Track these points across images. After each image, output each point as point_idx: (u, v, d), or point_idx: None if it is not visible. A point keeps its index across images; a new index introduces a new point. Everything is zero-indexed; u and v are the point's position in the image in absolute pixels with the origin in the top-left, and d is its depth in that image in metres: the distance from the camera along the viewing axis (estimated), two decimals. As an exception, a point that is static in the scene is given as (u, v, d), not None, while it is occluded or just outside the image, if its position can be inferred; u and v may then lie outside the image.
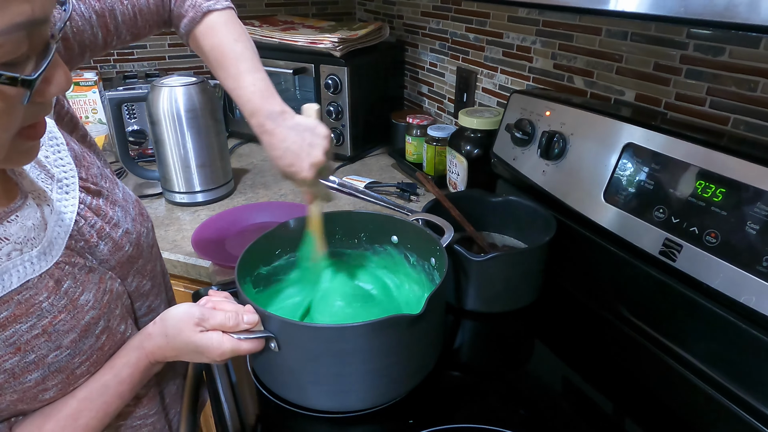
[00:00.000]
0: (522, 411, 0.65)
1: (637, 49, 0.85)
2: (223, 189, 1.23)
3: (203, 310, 0.57)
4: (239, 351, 0.57)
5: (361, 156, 1.48)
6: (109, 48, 0.66)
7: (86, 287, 0.52)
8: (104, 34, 0.63)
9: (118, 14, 0.64)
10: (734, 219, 0.61)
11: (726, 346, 0.64)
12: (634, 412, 0.66)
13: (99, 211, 0.56)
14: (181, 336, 0.56)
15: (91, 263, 0.54)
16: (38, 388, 0.50)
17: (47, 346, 0.49)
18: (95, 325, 0.53)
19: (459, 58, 1.34)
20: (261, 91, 0.67)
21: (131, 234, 0.60)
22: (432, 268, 0.75)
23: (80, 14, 0.59)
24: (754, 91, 0.71)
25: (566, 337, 0.79)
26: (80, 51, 0.61)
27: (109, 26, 0.63)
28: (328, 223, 0.76)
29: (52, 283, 0.49)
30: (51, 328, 0.49)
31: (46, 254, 0.49)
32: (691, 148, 0.66)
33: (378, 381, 0.62)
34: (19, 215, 0.47)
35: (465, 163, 1.10)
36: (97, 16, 0.61)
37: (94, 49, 0.63)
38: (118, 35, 0.65)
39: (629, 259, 0.75)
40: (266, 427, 0.65)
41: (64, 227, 0.52)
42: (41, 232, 0.49)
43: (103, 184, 0.58)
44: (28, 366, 0.48)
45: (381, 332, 0.58)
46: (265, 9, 1.74)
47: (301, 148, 0.65)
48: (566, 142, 0.84)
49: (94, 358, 0.54)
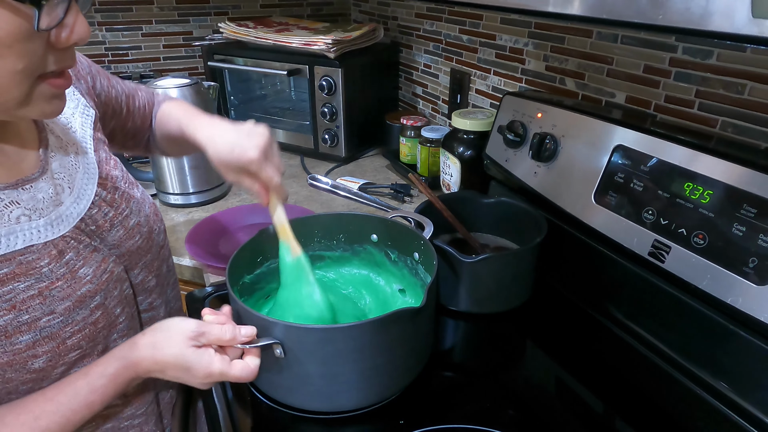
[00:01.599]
0: (513, 411, 0.66)
1: (627, 51, 0.86)
2: (217, 190, 1.24)
3: (200, 324, 0.56)
4: (227, 375, 0.55)
5: (356, 157, 1.48)
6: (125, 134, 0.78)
7: (87, 262, 0.56)
8: (126, 112, 0.76)
9: (137, 100, 0.78)
10: (721, 221, 0.61)
11: (714, 346, 0.65)
12: (624, 411, 0.67)
13: (113, 203, 0.61)
14: (171, 348, 0.54)
15: (97, 244, 0.58)
16: (28, 353, 0.50)
17: (41, 308, 0.51)
18: (91, 298, 0.55)
19: (453, 60, 1.34)
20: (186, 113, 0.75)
21: (143, 226, 0.64)
22: (415, 262, 0.77)
23: (114, 86, 0.73)
24: (742, 94, 0.71)
25: (557, 337, 0.80)
26: (111, 114, 0.73)
27: (131, 106, 0.77)
28: (307, 227, 0.77)
29: (55, 252, 0.52)
30: (47, 292, 0.51)
31: (53, 226, 0.53)
32: (680, 150, 0.67)
33: (382, 376, 0.63)
34: (33, 186, 0.53)
35: (458, 165, 1.11)
36: (125, 96, 0.76)
37: (118, 119, 0.75)
38: (132, 118, 0.77)
39: (619, 260, 0.75)
40: (255, 427, 0.65)
41: (78, 209, 0.56)
42: (51, 206, 0.53)
43: (122, 184, 0.64)
44: (20, 326, 0.50)
45: (387, 327, 0.59)
46: (259, 10, 1.74)
47: (239, 136, 0.65)
48: (557, 144, 0.84)
49: (86, 331, 0.55)
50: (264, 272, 0.77)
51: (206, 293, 0.87)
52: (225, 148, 0.65)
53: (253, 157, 0.64)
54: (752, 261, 0.58)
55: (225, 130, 0.67)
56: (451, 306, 0.83)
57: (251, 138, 0.65)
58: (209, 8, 1.67)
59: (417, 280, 0.78)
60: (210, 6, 1.67)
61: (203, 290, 0.87)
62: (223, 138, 0.66)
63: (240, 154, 0.64)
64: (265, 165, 0.65)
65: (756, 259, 0.58)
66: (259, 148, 0.64)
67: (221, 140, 0.66)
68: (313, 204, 1.21)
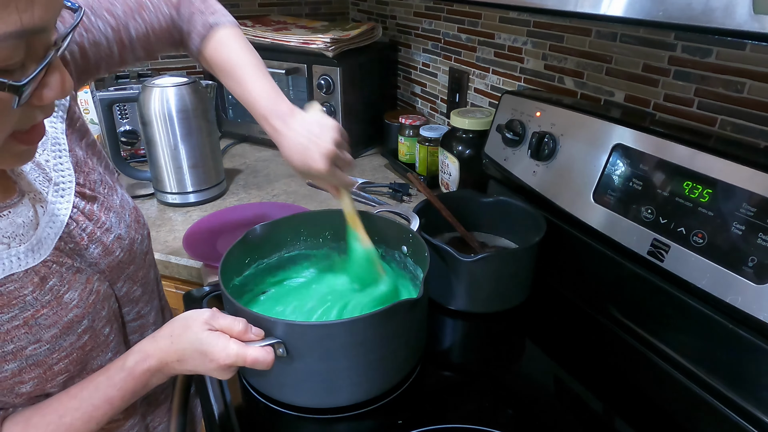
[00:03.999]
0: (512, 411, 0.65)
1: (626, 50, 0.86)
2: (216, 189, 1.23)
3: (213, 311, 0.56)
4: (245, 357, 0.54)
5: (354, 156, 1.46)
6: (127, 63, 0.69)
7: (72, 286, 0.53)
8: (119, 48, 0.66)
9: (132, 30, 0.66)
10: (721, 219, 0.61)
11: (712, 344, 0.65)
12: (623, 410, 0.67)
13: (92, 216, 0.57)
14: (187, 334, 0.54)
15: (79, 264, 0.55)
16: (14, 380, 0.50)
17: (27, 338, 0.49)
18: (78, 323, 0.54)
19: (451, 59, 1.34)
20: (268, 94, 0.70)
21: (123, 240, 0.61)
22: (404, 255, 0.78)
23: (96, 28, 0.62)
24: (741, 92, 0.71)
25: (556, 336, 0.80)
26: (96, 63, 0.63)
27: (124, 41, 0.66)
28: (292, 225, 0.77)
29: (37, 279, 0.50)
30: (32, 321, 0.50)
31: (33, 251, 0.50)
32: (679, 149, 0.67)
33: (382, 368, 0.64)
34: (11, 211, 0.49)
35: (457, 164, 1.11)
36: (112, 31, 0.64)
37: (111, 63, 0.66)
38: (132, 51, 0.68)
39: (618, 259, 0.75)
40: (252, 428, 0.65)
41: (55, 228, 0.53)
42: (31, 230, 0.50)
43: (101, 190, 0.60)
44: (5, 356, 0.49)
45: (388, 319, 0.59)
46: (258, 9, 1.74)
47: (309, 141, 0.66)
48: (556, 143, 0.84)
49: (74, 356, 0.54)
50: (252, 273, 0.77)
51: (204, 293, 0.86)
52: (296, 157, 0.67)
53: (321, 169, 0.66)
54: (751, 260, 0.58)
55: (296, 134, 0.67)
56: (449, 305, 0.83)
57: (321, 141, 0.66)
58: (207, 7, 1.67)
59: (406, 273, 0.79)
60: (208, 5, 1.67)
61: (201, 290, 0.87)
62: (293, 142, 0.67)
63: (310, 165, 0.66)
64: (334, 173, 0.67)
65: (755, 258, 0.57)
66: (328, 156, 0.66)
67: (292, 146, 0.67)
68: (311, 203, 1.20)
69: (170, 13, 0.71)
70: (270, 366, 0.56)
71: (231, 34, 0.74)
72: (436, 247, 0.78)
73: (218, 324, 0.55)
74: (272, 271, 0.80)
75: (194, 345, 0.54)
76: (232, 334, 0.55)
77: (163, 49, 0.73)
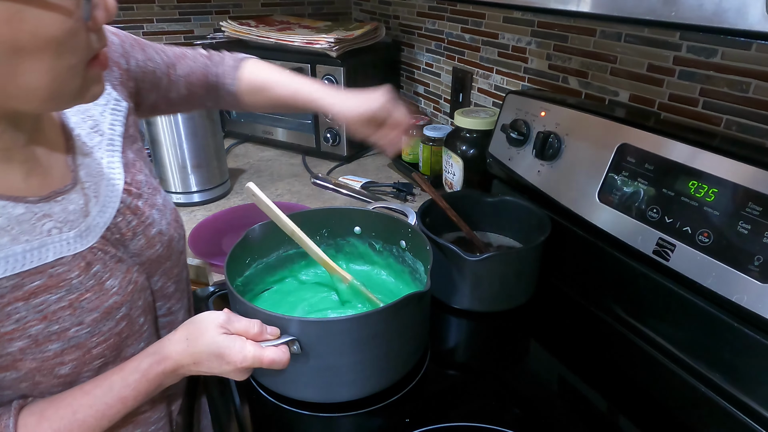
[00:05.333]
0: (517, 410, 0.66)
1: (630, 50, 0.86)
2: (220, 189, 1.24)
3: (228, 314, 0.57)
4: (262, 359, 0.55)
5: (358, 156, 1.48)
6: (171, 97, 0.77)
7: (114, 274, 0.56)
8: (167, 81, 0.75)
9: (178, 69, 0.76)
10: (726, 219, 0.61)
11: (718, 343, 0.65)
12: (628, 409, 0.67)
13: (137, 211, 0.61)
14: (204, 337, 0.55)
15: (121, 254, 0.58)
16: (56, 360, 0.52)
17: (71, 319, 0.52)
18: (117, 310, 0.56)
19: (455, 59, 1.34)
20: (311, 83, 0.80)
21: (164, 235, 0.64)
22: (402, 250, 0.79)
23: (153, 59, 0.72)
24: (746, 92, 0.71)
25: (561, 335, 0.80)
26: (149, 87, 0.72)
27: (171, 76, 0.75)
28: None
29: (83, 264, 0.53)
30: (77, 304, 0.52)
31: (82, 237, 0.53)
32: (684, 148, 0.67)
33: (392, 361, 0.65)
34: (65, 198, 0.53)
35: (461, 163, 1.11)
36: (164, 65, 0.74)
37: (159, 93, 0.74)
38: (177, 86, 0.77)
39: (623, 259, 0.75)
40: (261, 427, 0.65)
41: (104, 219, 0.57)
42: (81, 217, 0.54)
43: (146, 189, 0.64)
44: (50, 335, 0.51)
45: (398, 313, 0.60)
46: (261, 9, 1.74)
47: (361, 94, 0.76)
48: (561, 143, 0.84)
49: (111, 341, 0.56)
50: (253, 273, 0.78)
51: (209, 292, 0.87)
52: (354, 104, 0.76)
53: (382, 101, 0.74)
54: (757, 259, 0.58)
55: (348, 95, 0.77)
56: (454, 305, 0.83)
57: (374, 93, 0.75)
58: (210, 7, 1.67)
59: (405, 267, 0.80)
60: (211, 5, 1.67)
61: (206, 289, 0.87)
62: (349, 99, 0.76)
63: (369, 104, 0.75)
64: (395, 107, 0.75)
65: (761, 257, 0.58)
66: (385, 95, 0.75)
67: (348, 101, 0.76)
68: (315, 202, 1.21)
69: (204, 62, 0.80)
70: (286, 365, 0.57)
71: (259, 62, 0.84)
72: (441, 247, 0.78)
73: (234, 327, 0.57)
74: (271, 271, 0.81)
75: (210, 348, 0.55)
76: (248, 336, 0.56)
77: (199, 92, 0.80)
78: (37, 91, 0.44)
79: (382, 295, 0.79)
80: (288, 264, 0.83)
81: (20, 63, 0.41)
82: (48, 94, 0.44)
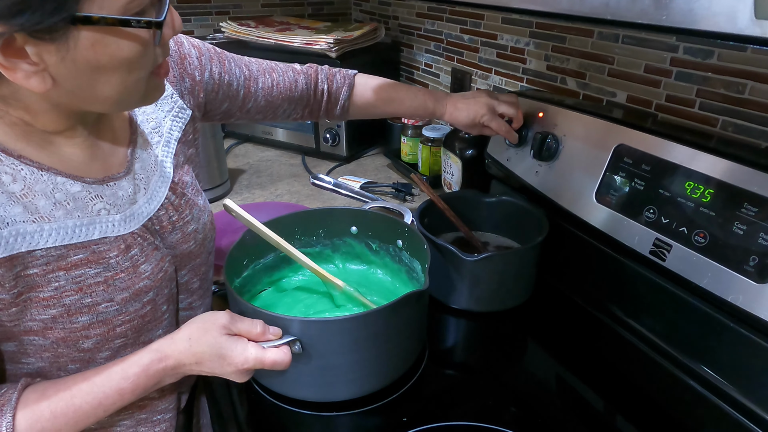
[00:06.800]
0: (514, 409, 0.66)
1: (628, 51, 0.87)
2: (219, 189, 1.24)
3: (230, 314, 0.58)
4: (264, 361, 0.56)
5: (357, 156, 1.48)
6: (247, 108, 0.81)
7: (148, 259, 0.59)
8: (245, 93, 0.79)
9: (260, 82, 0.81)
10: (722, 219, 0.62)
11: (715, 344, 0.65)
12: (625, 409, 0.67)
13: (179, 208, 0.65)
14: (206, 337, 0.56)
15: (158, 243, 0.61)
16: (82, 333, 0.55)
17: (103, 295, 0.55)
18: (145, 293, 0.59)
19: (454, 59, 1.35)
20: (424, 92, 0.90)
21: (199, 234, 0.67)
22: (399, 249, 0.80)
23: (232, 72, 0.76)
24: (742, 93, 0.72)
25: (558, 335, 0.80)
26: (222, 98, 0.76)
27: (250, 89, 0.79)
28: (286, 225, 0.79)
29: (123, 246, 0.57)
30: (111, 281, 0.55)
31: (126, 222, 0.57)
32: (681, 149, 0.67)
33: (393, 359, 0.65)
34: (116, 184, 0.57)
35: (459, 164, 1.11)
36: (244, 79, 0.78)
37: (234, 104, 0.79)
38: (255, 98, 0.81)
39: (620, 259, 0.76)
40: (259, 426, 0.65)
41: (148, 209, 0.61)
42: (128, 204, 0.58)
43: (189, 190, 0.68)
44: (82, 308, 0.54)
45: (398, 311, 0.61)
46: (261, 9, 1.75)
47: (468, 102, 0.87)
48: (559, 143, 0.85)
49: (135, 323, 0.58)
50: (250, 274, 0.78)
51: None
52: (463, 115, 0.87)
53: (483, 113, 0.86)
54: (753, 259, 0.58)
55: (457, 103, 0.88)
56: (452, 304, 0.83)
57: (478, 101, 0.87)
58: (210, 8, 1.68)
59: (401, 266, 0.81)
60: (211, 5, 1.67)
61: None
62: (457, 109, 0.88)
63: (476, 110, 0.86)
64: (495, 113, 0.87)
65: (756, 257, 0.58)
66: (486, 105, 0.86)
67: (456, 111, 0.88)
68: (314, 203, 1.21)
69: (294, 77, 0.85)
70: (288, 366, 0.58)
71: (365, 75, 0.91)
72: (439, 247, 0.79)
73: (236, 328, 0.57)
74: (268, 272, 0.81)
75: (213, 349, 0.56)
76: (250, 337, 0.57)
77: (281, 104, 0.85)
78: (108, 99, 0.50)
79: (379, 295, 0.79)
80: (284, 265, 0.83)
81: (98, 78, 0.47)
82: (116, 101, 0.51)
